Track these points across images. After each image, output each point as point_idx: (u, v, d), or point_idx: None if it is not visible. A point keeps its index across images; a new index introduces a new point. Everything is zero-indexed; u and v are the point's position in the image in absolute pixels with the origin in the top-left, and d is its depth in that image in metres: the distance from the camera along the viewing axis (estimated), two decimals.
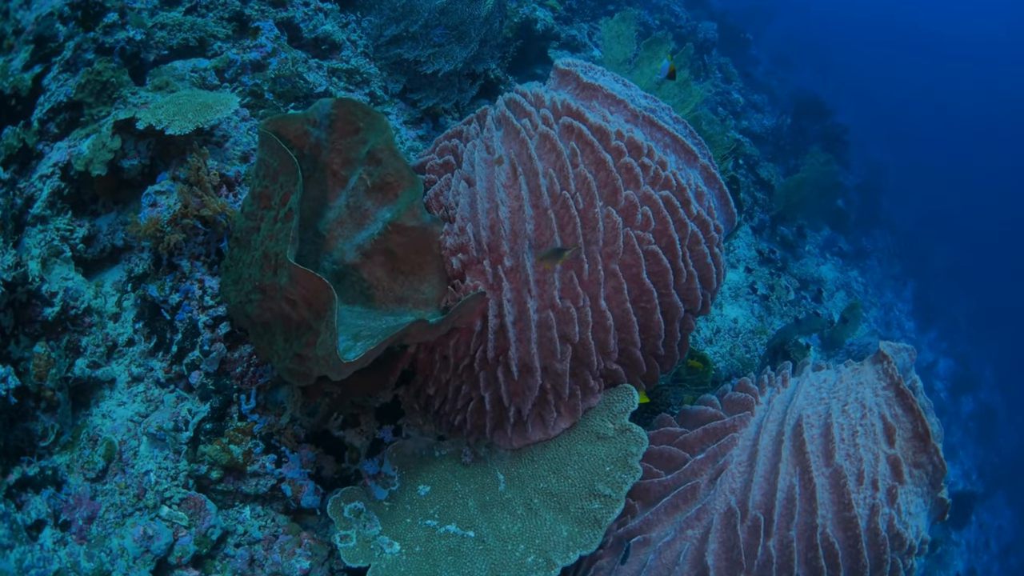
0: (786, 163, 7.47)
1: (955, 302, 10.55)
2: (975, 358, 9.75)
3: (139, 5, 2.47)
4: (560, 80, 1.72)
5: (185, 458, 1.84)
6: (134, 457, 1.83)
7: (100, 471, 1.82)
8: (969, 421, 8.46)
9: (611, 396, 1.85)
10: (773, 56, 10.42)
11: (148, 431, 1.87)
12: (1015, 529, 7.59)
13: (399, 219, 1.62)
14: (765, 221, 6.31)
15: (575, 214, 1.52)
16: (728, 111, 7.14)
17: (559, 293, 1.59)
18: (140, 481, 1.79)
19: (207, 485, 1.88)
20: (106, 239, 2.12)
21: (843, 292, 7.37)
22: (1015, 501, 7.97)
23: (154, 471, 1.81)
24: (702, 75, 7.22)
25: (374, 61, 3.05)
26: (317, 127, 1.59)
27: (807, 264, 6.82)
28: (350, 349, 1.55)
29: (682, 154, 1.72)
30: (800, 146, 7.25)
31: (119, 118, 1.90)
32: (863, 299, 7.70)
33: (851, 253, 8.13)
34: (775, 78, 9.17)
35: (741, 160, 6.45)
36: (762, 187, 6.49)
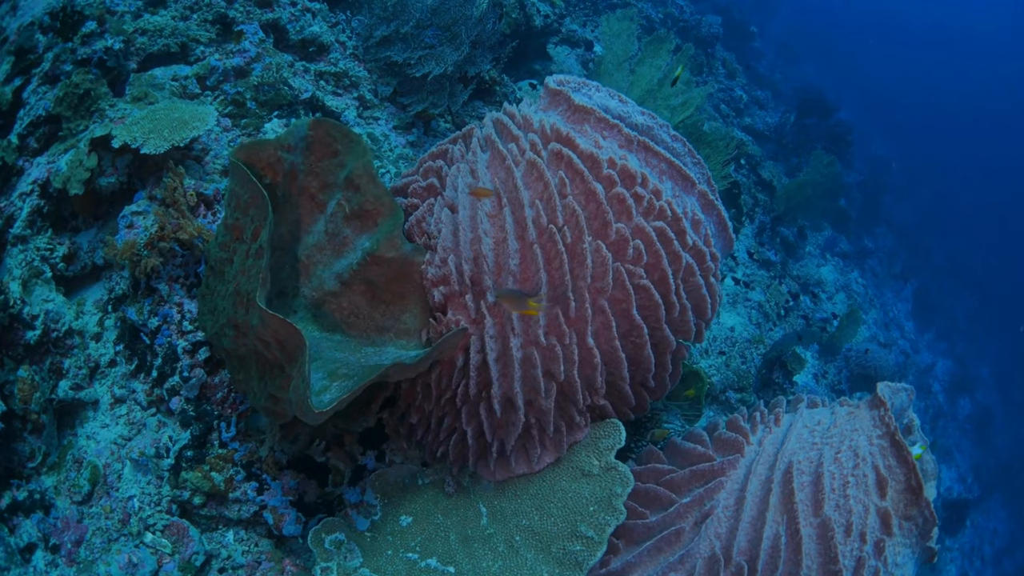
0: (788, 161, 7.36)
1: (955, 301, 10.49)
2: (973, 359, 9.71)
3: (122, 8, 2.38)
4: (550, 100, 1.64)
5: (168, 484, 1.84)
6: (118, 480, 1.85)
7: (86, 495, 1.85)
8: (966, 423, 8.43)
9: (598, 431, 1.80)
10: (778, 49, 10.25)
11: (131, 456, 1.88)
12: (1010, 532, 7.60)
13: (378, 250, 1.55)
14: (766, 223, 6.22)
15: (562, 249, 1.45)
16: (731, 108, 7.02)
17: (544, 330, 1.53)
18: (124, 506, 1.81)
19: (190, 510, 1.87)
20: (87, 257, 2.11)
21: (843, 294, 7.30)
22: (1010, 503, 7.97)
23: (137, 496, 1.82)
24: (705, 71, 7.09)
25: (364, 63, 2.96)
26: (292, 151, 1.51)
27: (807, 265, 6.74)
28: (326, 390, 1.50)
29: (679, 181, 1.64)
30: (803, 144, 7.13)
31: (95, 135, 1.85)
32: (863, 300, 7.63)
33: (852, 253, 8.05)
34: (779, 72, 9.02)
35: (743, 160, 6.35)
36: (764, 188, 6.39)
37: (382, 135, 2.79)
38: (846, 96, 10.62)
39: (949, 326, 9.81)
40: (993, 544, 7.22)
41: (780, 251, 6.37)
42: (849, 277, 7.62)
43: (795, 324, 5.36)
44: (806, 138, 6.86)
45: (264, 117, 2.28)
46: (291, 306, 1.82)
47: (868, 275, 8.34)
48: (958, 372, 9.02)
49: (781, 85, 8.41)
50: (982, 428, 8.64)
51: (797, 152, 7.15)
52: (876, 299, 8.06)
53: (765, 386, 4.11)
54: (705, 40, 7.00)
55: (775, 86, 8.29)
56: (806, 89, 7.96)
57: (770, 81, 8.35)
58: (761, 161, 6.37)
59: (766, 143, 7.36)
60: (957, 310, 10.23)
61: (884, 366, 5.20)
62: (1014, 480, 8.16)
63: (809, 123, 6.83)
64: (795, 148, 7.11)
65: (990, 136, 19.14)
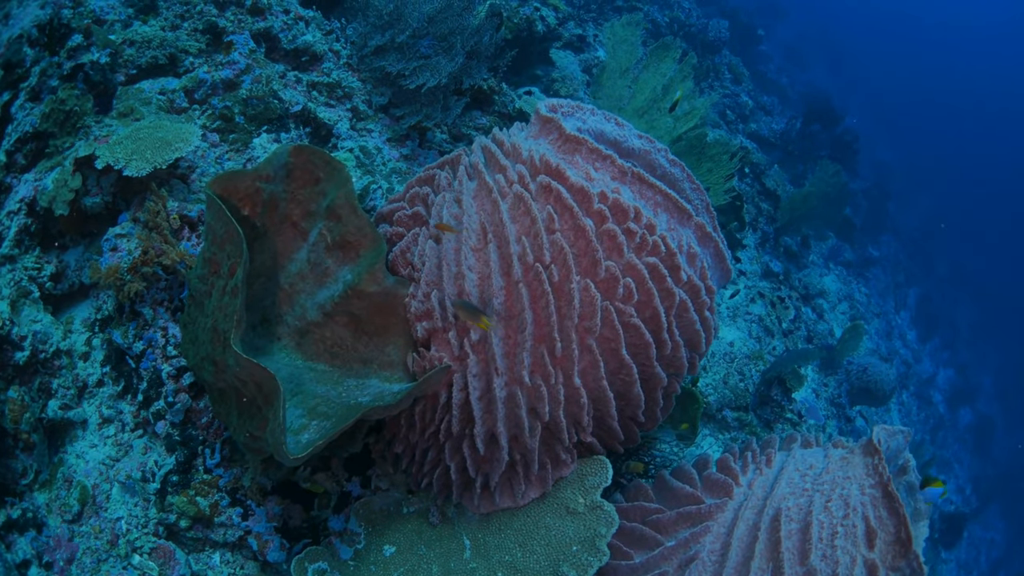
0: (794, 169, 7.29)
1: (958, 309, 10.41)
2: (975, 368, 9.65)
3: (112, 17, 2.34)
4: (541, 128, 1.59)
5: (154, 507, 1.85)
6: (107, 501, 1.87)
7: (76, 514, 1.87)
8: (966, 433, 8.38)
9: (585, 468, 1.76)
10: (785, 52, 10.14)
11: (118, 479, 1.89)
12: (1007, 543, 7.56)
13: (359, 284, 1.51)
14: (769, 233, 6.16)
15: (548, 289, 1.41)
16: (736, 115, 6.94)
17: (528, 370, 1.49)
18: (113, 527, 1.84)
19: (177, 532, 1.87)
20: (74, 275, 2.10)
21: (846, 304, 7.24)
22: (1008, 514, 7.92)
23: (125, 518, 1.84)
24: (711, 75, 7.01)
25: (358, 72, 2.90)
26: (271, 181, 1.47)
27: (811, 275, 6.68)
28: (304, 428, 1.47)
29: (675, 213, 1.59)
30: (809, 151, 7.05)
31: (79, 155, 1.83)
32: (865, 310, 7.57)
33: (856, 262, 7.98)
34: (786, 75, 8.93)
35: (747, 168, 6.28)
36: (767, 197, 6.32)
37: (375, 148, 2.74)
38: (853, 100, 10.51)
39: (952, 335, 9.74)
40: (989, 555, 7.18)
41: (783, 261, 6.31)
42: (852, 287, 7.56)
43: (796, 338, 5.31)
44: (812, 145, 6.78)
45: (253, 132, 2.24)
46: (275, 333, 1.79)
47: (872, 284, 8.28)
48: (959, 382, 8.96)
49: (788, 90, 8.32)
50: (982, 438, 8.58)
51: (803, 159, 7.07)
52: (879, 309, 8.00)
53: (763, 403, 4.06)
54: (712, 45, 6.91)
55: (782, 91, 8.20)
56: (813, 94, 7.87)
57: (777, 85, 8.26)
58: (765, 170, 6.29)
59: (771, 150, 7.28)
60: (960, 319, 10.16)
61: (884, 380, 5.14)
62: (1013, 491, 8.11)
63: (815, 130, 6.75)
64: (801, 155, 7.03)
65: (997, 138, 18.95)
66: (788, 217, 6.13)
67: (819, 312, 6.44)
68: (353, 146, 2.66)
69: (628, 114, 4.45)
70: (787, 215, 6.08)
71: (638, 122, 4.40)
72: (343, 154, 2.60)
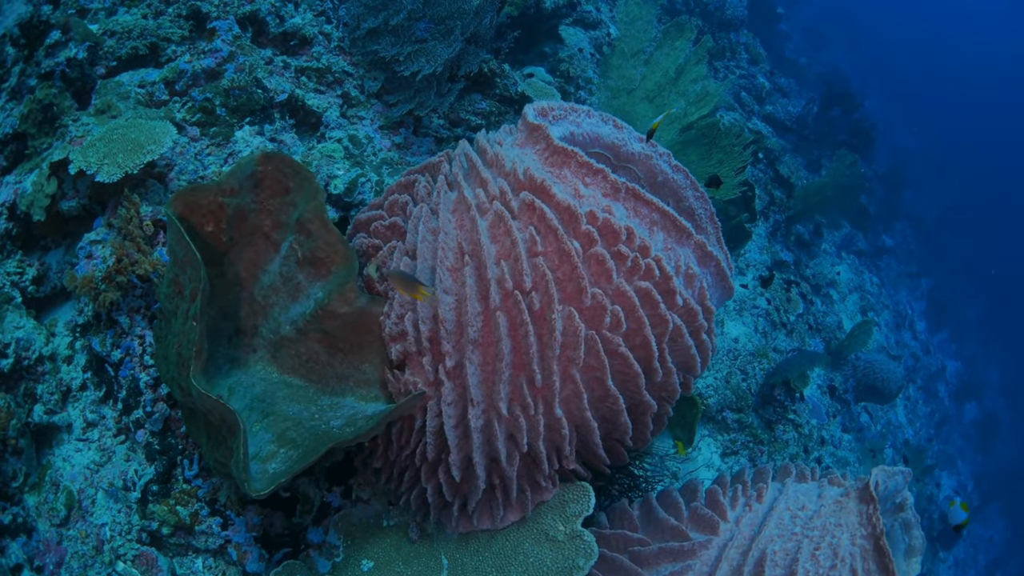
0: (809, 155, 7.05)
1: (969, 300, 10.21)
2: (983, 361, 9.50)
3: (96, 5, 2.23)
4: (528, 135, 1.46)
5: (136, 514, 1.87)
6: (92, 506, 1.90)
7: (63, 518, 1.91)
8: (971, 428, 8.28)
9: (567, 493, 1.69)
10: (805, 31, 9.75)
11: (102, 486, 1.92)
12: (1005, 542, 7.51)
13: (330, 304, 1.42)
14: (780, 221, 5.98)
15: (527, 319, 1.31)
16: (752, 97, 6.69)
17: (506, 401, 1.40)
18: (98, 532, 1.87)
19: (160, 538, 1.88)
20: (56, 277, 2.06)
21: (856, 295, 7.08)
22: (1008, 512, 7.86)
23: (109, 524, 1.88)
24: (728, 55, 6.74)
25: (350, 55, 2.76)
26: (237, 194, 1.37)
27: (822, 263, 6.51)
28: (272, 456, 1.42)
29: (672, 231, 1.47)
30: (826, 136, 6.81)
31: (54, 159, 1.79)
32: (876, 301, 7.41)
33: (869, 251, 7.78)
34: (805, 55, 8.60)
35: (761, 154, 6.07)
36: (781, 184, 6.12)
37: (365, 137, 2.61)
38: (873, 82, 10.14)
39: (962, 327, 9.56)
40: (987, 554, 7.15)
41: (794, 250, 6.14)
42: (864, 277, 7.38)
43: (804, 332, 5.19)
44: (829, 130, 6.54)
45: (234, 124, 2.12)
46: (251, 344, 1.71)
47: (884, 274, 8.09)
48: (967, 376, 8.82)
49: (807, 70, 8.01)
50: (986, 434, 8.48)
51: (819, 145, 6.83)
52: (890, 299, 7.83)
53: (766, 403, 3.98)
54: (729, 23, 6.63)
55: (800, 71, 7.90)
56: (832, 76, 7.58)
57: (796, 66, 7.96)
58: (780, 156, 6.08)
59: (787, 134, 7.04)
60: (970, 311, 9.96)
61: (891, 379, 5.03)
62: (1014, 489, 8.04)
63: (833, 115, 6.50)
64: (817, 141, 6.79)
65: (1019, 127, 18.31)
66: (802, 205, 5.95)
67: (828, 303, 6.30)
68: (342, 136, 2.54)
69: (637, 98, 4.27)
70: (801, 203, 5.89)
71: (647, 107, 4.22)
72: (331, 144, 2.48)
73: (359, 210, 2.57)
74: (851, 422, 5.36)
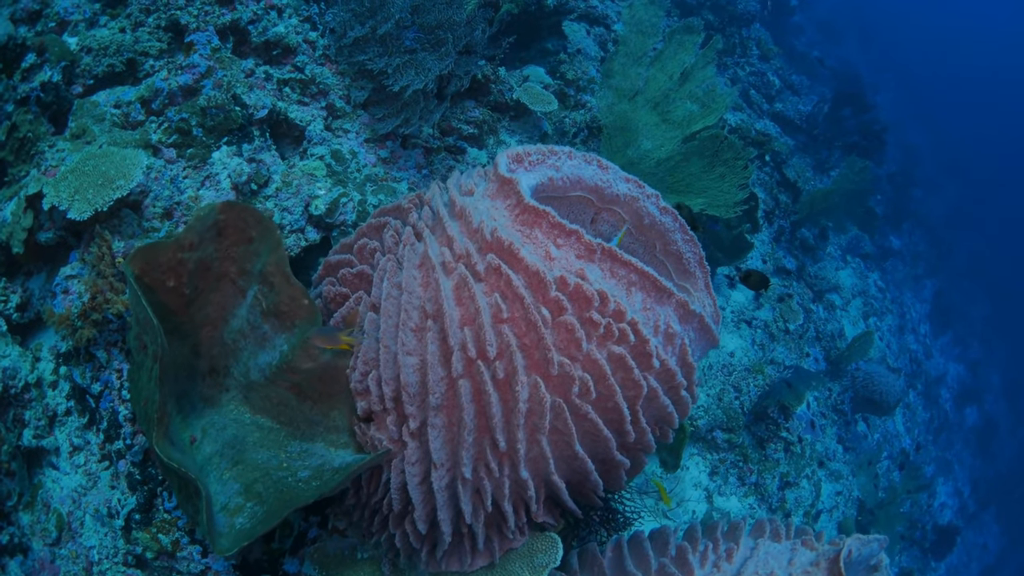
0: (818, 154, 6.90)
1: (973, 302, 10.07)
2: (985, 365, 9.40)
3: (76, 17, 2.15)
4: (499, 188, 1.38)
5: (121, 539, 1.91)
6: (81, 527, 1.96)
7: (55, 539, 1.97)
8: (970, 433, 8.21)
9: (535, 543, 1.66)
10: (819, 24, 9.48)
11: (88, 511, 1.97)
12: (999, 549, 7.50)
13: (294, 360, 1.38)
14: (785, 227, 5.86)
15: (490, 390, 1.25)
16: (762, 95, 6.53)
17: (471, 464, 1.34)
18: (87, 555, 1.93)
19: (145, 561, 1.91)
20: (39, 303, 2.05)
21: (859, 300, 6.98)
22: (1003, 518, 7.83)
23: (96, 548, 1.93)
24: (738, 51, 6.56)
25: (336, 63, 2.67)
26: (196, 248, 1.31)
27: (826, 268, 6.41)
28: (239, 510, 1.40)
29: (652, 291, 1.40)
30: (836, 137, 6.65)
31: (29, 192, 1.77)
32: (880, 305, 7.31)
33: (874, 254, 7.66)
34: (818, 49, 8.37)
35: (768, 156, 5.93)
36: (787, 188, 5.99)
37: (349, 152, 2.53)
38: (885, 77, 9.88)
39: (966, 329, 9.45)
40: (981, 561, 7.13)
41: (798, 257, 6.04)
42: (868, 281, 7.27)
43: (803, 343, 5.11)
44: (840, 131, 6.38)
45: (212, 145, 2.05)
46: (223, 384, 1.67)
47: (889, 276, 7.97)
48: (968, 380, 8.73)
49: (819, 65, 7.80)
50: (985, 439, 8.42)
51: (828, 145, 6.67)
52: (895, 303, 7.72)
53: (758, 420, 3.92)
54: (740, 17, 6.44)
55: (812, 66, 7.69)
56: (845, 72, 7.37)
57: (808, 60, 7.75)
58: (787, 159, 5.94)
59: (796, 133, 6.88)
60: (975, 313, 9.83)
61: (890, 392, 4.96)
62: (1010, 495, 7.99)
63: (844, 115, 6.33)
64: (826, 141, 6.63)
65: None
66: (807, 211, 5.83)
67: (830, 310, 6.21)
68: (324, 152, 2.45)
69: (640, 104, 4.15)
70: (806, 209, 5.77)
71: (650, 114, 4.10)
72: (313, 162, 2.40)
73: (341, 230, 2.50)
74: (847, 433, 5.31)
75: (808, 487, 4.12)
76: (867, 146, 6.32)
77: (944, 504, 6.89)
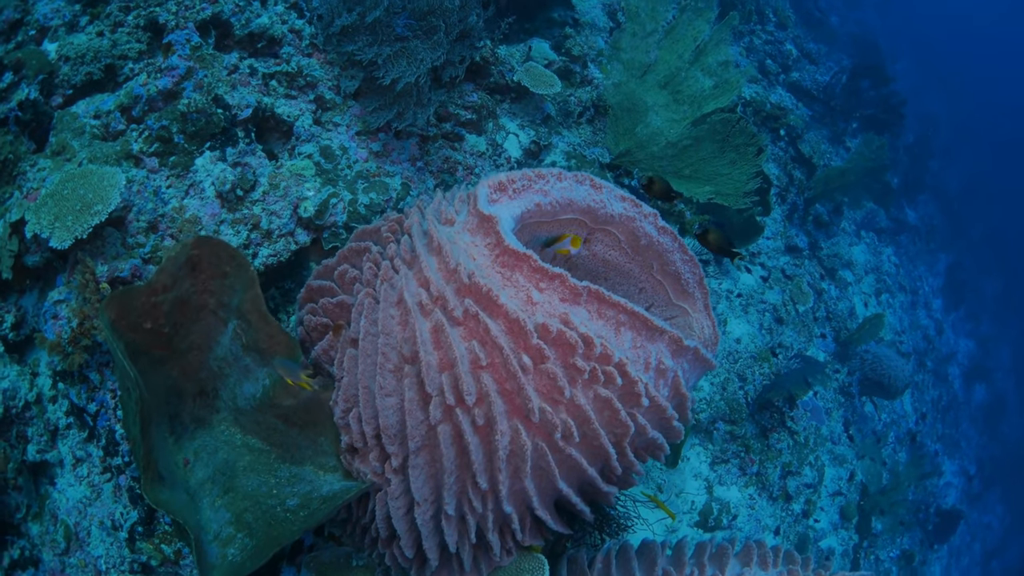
0: (835, 126, 6.65)
1: (987, 277, 9.86)
2: (996, 341, 9.26)
3: (56, 22, 2.06)
4: (479, 224, 1.29)
5: (127, 548, 1.95)
6: (88, 537, 2.01)
7: (63, 549, 2.03)
8: (977, 411, 8.15)
9: (522, 563, 1.64)
10: None
11: (94, 522, 2.01)
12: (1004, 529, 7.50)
13: (275, 396, 1.34)
14: (798, 204, 5.70)
15: (469, 440, 1.20)
16: (778, 65, 6.26)
17: (454, 502, 1.31)
18: (95, 563, 1.98)
19: (151, 568, 1.96)
20: (33, 320, 2.04)
21: (872, 277, 6.84)
22: (1008, 498, 7.83)
23: (103, 557, 1.98)
24: (754, 19, 6.26)
25: (325, 53, 2.55)
26: (171, 289, 1.28)
27: (839, 243, 6.26)
28: (231, 541, 1.42)
29: (642, 330, 1.33)
30: (853, 109, 6.39)
31: (11, 219, 1.74)
32: (893, 282, 7.17)
33: (889, 229, 7.47)
34: (836, 14, 7.99)
35: (783, 131, 5.73)
36: (801, 164, 5.80)
37: (339, 148, 2.44)
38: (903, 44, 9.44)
39: (978, 305, 9.28)
40: (984, 542, 7.16)
41: (810, 233, 5.89)
42: (882, 257, 7.11)
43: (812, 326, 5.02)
44: (857, 103, 6.13)
45: (194, 152, 1.97)
46: (214, 406, 1.66)
47: (903, 251, 7.79)
48: (979, 356, 8.62)
49: (838, 31, 7.46)
50: (993, 417, 8.36)
51: (845, 117, 6.43)
52: (908, 278, 7.57)
53: (763, 408, 3.88)
54: None
55: (831, 33, 7.35)
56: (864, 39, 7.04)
57: (826, 26, 7.41)
58: (802, 134, 5.73)
59: (813, 103, 6.62)
60: (988, 288, 9.64)
61: (898, 376, 4.89)
62: (1017, 474, 7.97)
63: (863, 87, 6.07)
64: (843, 112, 6.39)
65: None
66: (822, 188, 5.65)
67: (842, 287, 6.09)
68: (312, 151, 2.36)
69: (648, 85, 3.97)
70: (821, 187, 5.59)
71: (659, 94, 3.93)
72: (301, 161, 2.32)
73: (332, 231, 2.43)
74: (853, 415, 5.27)
75: (811, 473, 4.10)
76: (886, 119, 6.08)
77: (949, 483, 6.88)
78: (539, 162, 3.42)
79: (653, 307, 1.71)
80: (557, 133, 3.79)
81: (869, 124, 6.31)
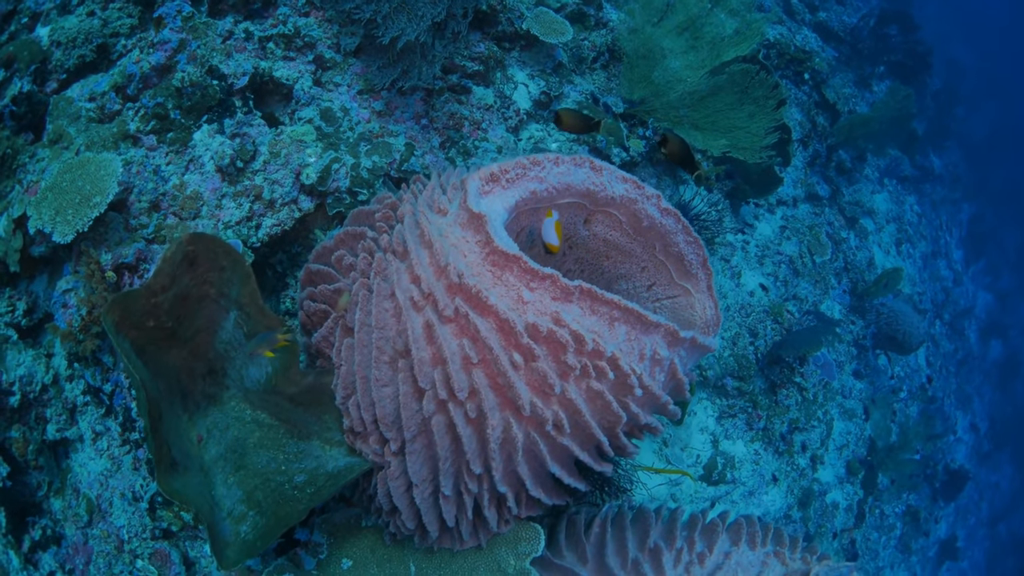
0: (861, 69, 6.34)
1: (1008, 229, 9.55)
2: (1015, 296, 9.07)
3: (48, 5, 2.01)
4: (468, 220, 1.26)
5: (148, 517, 2.05)
6: (110, 508, 2.09)
7: (86, 521, 2.11)
8: (993, 367, 8.08)
9: (520, 532, 1.72)
10: None
11: (115, 494, 2.09)
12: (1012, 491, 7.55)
13: (277, 384, 1.38)
14: (820, 151, 5.50)
15: (461, 433, 1.23)
16: (804, 4, 5.92)
17: (450, 483, 1.36)
18: (117, 533, 2.07)
19: (172, 534, 2.06)
20: (45, 304, 2.09)
21: (893, 226, 6.66)
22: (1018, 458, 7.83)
23: (125, 527, 2.07)
24: None
25: (323, 10, 2.45)
26: (169, 288, 1.30)
27: (861, 191, 6.07)
28: (243, 518, 1.49)
29: (636, 324, 1.32)
30: (880, 53, 6.07)
31: (14, 215, 1.77)
32: (915, 232, 6.99)
33: (913, 177, 7.22)
34: None
35: (807, 75, 5.47)
36: (825, 109, 5.56)
37: (341, 110, 2.38)
38: None
39: (999, 256, 9.05)
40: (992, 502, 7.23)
41: (832, 182, 5.71)
42: (904, 206, 6.91)
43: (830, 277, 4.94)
44: (884, 48, 5.81)
45: (192, 126, 1.94)
46: (223, 383, 1.71)
47: (926, 200, 7.56)
48: (996, 310, 8.48)
49: None
50: (1008, 374, 8.29)
51: (871, 61, 6.12)
52: (929, 228, 7.38)
53: (773, 363, 3.89)
54: None
55: None
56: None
57: None
58: (827, 79, 5.47)
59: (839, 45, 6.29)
60: (1009, 240, 9.36)
61: (913, 333, 4.85)
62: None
63: (890, 32, 5.74)
64: (870, 56, 6.07)
65: None
66: (845, 136, 5.44)
67: (862, 236, 5.95)
68: (312, 115, 2.31)
69: (664, 31, 3.77)
70: (844, 134, 5.38)
71: (676, 40, 3.74)
72: (301, 127, 2.27)
73: (335, 197, 2.40)
74: (866, 368, 5.27)
75: (820, 427, 4.15)
76: (913, 66, 5.76)
77: (959, 439, 6.92)
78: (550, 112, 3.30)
79: (655, 286, 1.69)
80: (569, 82, 3.64)
81: (896, 70, 6.00)
